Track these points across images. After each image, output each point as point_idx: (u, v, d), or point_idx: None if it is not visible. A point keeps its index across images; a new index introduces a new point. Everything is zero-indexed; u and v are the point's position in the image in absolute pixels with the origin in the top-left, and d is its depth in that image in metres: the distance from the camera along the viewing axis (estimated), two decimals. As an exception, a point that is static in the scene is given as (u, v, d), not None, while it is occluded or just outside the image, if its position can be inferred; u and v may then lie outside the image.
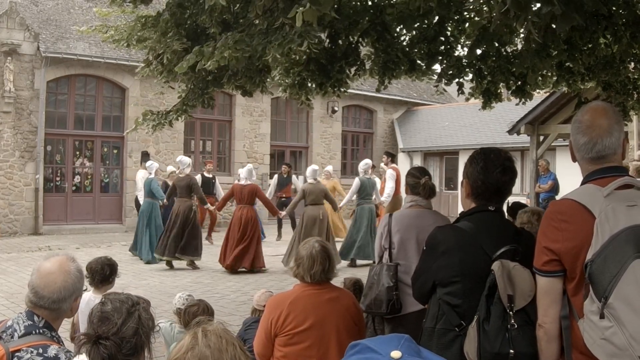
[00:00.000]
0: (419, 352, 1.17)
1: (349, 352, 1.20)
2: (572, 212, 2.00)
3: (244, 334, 4.21)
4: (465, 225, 2.43)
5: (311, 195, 10.01)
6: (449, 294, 2.38)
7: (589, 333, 1.88)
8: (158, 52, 5.79)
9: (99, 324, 1.93)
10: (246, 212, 10.02)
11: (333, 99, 15.92)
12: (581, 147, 2.10)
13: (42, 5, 15.81)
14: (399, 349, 1.14)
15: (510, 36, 5.47)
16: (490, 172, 2.44)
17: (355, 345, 1.20)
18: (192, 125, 17.24)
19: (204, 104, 6.48)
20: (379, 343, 1.17)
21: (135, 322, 1.94)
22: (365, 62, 6.37)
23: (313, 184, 10.21)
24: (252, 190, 10.11)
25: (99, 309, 1.97)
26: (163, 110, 6.90)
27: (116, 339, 1.89)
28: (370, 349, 1.16)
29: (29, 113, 14.35)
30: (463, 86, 6.91)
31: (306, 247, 3.22)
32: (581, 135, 2.09)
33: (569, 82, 6.51)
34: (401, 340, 1.17)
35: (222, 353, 1.53)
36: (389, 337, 1.20)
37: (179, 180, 10.45)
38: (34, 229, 14.51)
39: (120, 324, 1.91)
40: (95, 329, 1.92)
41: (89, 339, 1.89)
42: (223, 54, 4.35)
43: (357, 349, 1.19)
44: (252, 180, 10.30)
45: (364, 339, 1.22)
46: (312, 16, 3.31)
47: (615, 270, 1.81)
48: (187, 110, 6.58)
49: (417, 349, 1.17)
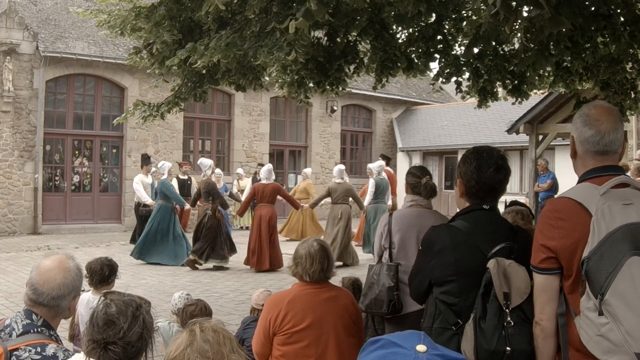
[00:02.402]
0: (437, 347, 1.21)
1: (369, 348, 1.22)
2: (569, 210, 2.01)
3: (242, 333, 4.21)
4: (460, 224, 2.44)
5: (335, 193, 10.53)
6: (445, 293, 2.39)
7: (585, 330, 1.89)
8: (148, 42, 5.81)
9: (105, 327, 1.89)
10: (267, 210, 10.12)
11: (332, 98, 15.94)
12: (587, 140, 2.09)
13: (41, 5, 15.81)
14: (423, 344, 1.17)
15: (507, 35, 5.47)
16: (483, 171, 2.44)
17: (377, 341, 1.22)
18: (191, 124, 17.25)
19: (196, 97, 6.48)
20: (402, 338, 1.20)
21: (141, 326, 1.93)
22: (363, 60, 6.38)
23: (340, 183, 10.70)
24: (274, 189, 10.27)
25: (104, 311, 1.93)
26: (154, 103, 6.87)
27: (123, 344, 1.88)
28: (394, 343, 1.19)
29: (28, 112, 14.35)
30: (461, 85, 6.92)
31: (305, 246, 3.21)
32: (588, 127, 2.09)
33: (567, 82, 6.52)
34: (421, 335, 1.21)
35: (221, 346, 1.54)
36: (409, 333, 1.23)
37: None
38: (33, 228, 14.51)
39: (126, 328, 1.89)
40: (101, 333, 1.89)
41: (98, 344, 1.87)
42: (213, 57, 4.40)
43: (379, 344, 1.21)
44: (271, 179, 10.45)
45: (385, 335, 1.24)
46: (304, 24, 3.34)
47: (612, 267, 1.83)
48: (179, 103, 6.57)
49: (434, 343, 1.21)
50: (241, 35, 4.64)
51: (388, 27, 5.90)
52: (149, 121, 6.94)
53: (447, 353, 1.19)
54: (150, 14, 5.49)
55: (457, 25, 6.15)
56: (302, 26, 3.34)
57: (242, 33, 4.67)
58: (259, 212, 10.14)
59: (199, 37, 5.12)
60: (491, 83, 6.69)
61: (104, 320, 1.91)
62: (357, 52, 6.23)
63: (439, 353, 1.17)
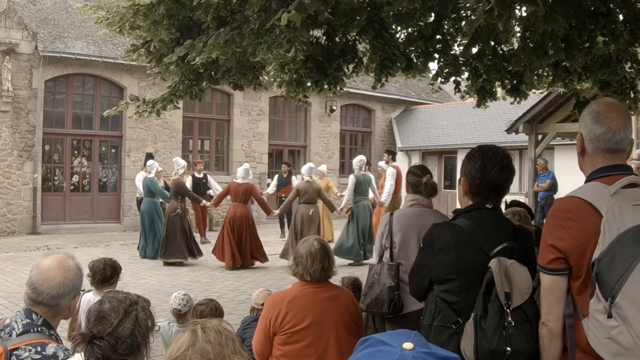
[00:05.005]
0: (428, 345, 1.20)
1: (359, 347, 1.23)
2: (579, 210, 1.98)
3: (242, 333, 4.21)
4: (462, 222, 2.43)
5: (305, 194, 10.07)
6: (446, 292, 2.39)
7: (593, 332, 1.87)
8: (146, 40, 5.80)
9: (95, 323, 1.92)
10: (239, 210, 10.15)
11: (331, 97, 15.93)
12: (597, 137, 2.05)
13: (40, 5, 15.79)
14: (410, 341, 1.17)
15: (506, 35, 5.47)
16: (488, 170, 2.43)
17: (366, 340, 1.23)
18: (190, 124, 17.24)
19: (193, 95, 6.47)
20: (390, 336, 1.21)
21: (132, 322, 1.94)
22: (362, 59, 6.37)
23: (308, 182, 10.25)
24: (247, 189, 10.23)
25: (97, 308, 1.97)
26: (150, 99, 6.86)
27: (110, 339, 1.88)
28: (381, 341, 1.19)
29: (27, 112, 14.33)
30: (460, 84, 6.91)
31: (305, 246, 3.21)
32: (599, 125, 2.04)
33: (565, 81, 6.51)
34: (411, 334, 1.21)
35: (222, 348, 1.53)
36: (399, 332, 1.23)
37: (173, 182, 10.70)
38: (32, 228, 14.50)
39: (116, 324, 1.91)
40: (90, 329, 1.92)
41: (83, 338, 1.88)
42: (211, 53, 4.39)
43: (368, 343, 1.22)
44: (248, 180, 10.40)
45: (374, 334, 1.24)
46: (296, 17, 3.33)
47: (623, 269, 1.80)
48: (174, 100, 6.56)
49: (426, 342, 1.21)
50: (240, 32, 4.63)
51: (387, 26, 5.89)
52: (143, 117, 6.91)
53: (436, 351, 1.18)
54: (149, 12, 5.48)
55: (456, 24, 6.14)
56: (294, 19, 3.33)
57: (241, 30, 4.67)
58: (232, 211, 10.18)
59: (197, 35, 5.11)
60: (490, 83, 6.69)
61: (95, 316, 1.94)
62: (356, 52, 6.22)
63: (426, 351, 1.16)
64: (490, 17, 2.92)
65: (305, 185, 10.19)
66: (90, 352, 1.85)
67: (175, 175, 10.81)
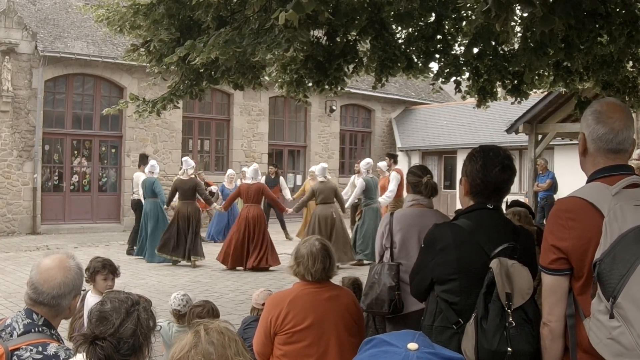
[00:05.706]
0: (432, 346, 1.20)
1: (364, 347, 1.23)
2: (580, 210, 1.97)
3: (243, 333, 4.20)
4: (463, 222, 2.42)
5: (321, 195, 9.94)
6: (446, 292, 2.38)
7: (595, 332, 1.86)
8: (146, 39, 5.80)
9: (97, 323, 1.92)
10: (252, 210, 10.07)
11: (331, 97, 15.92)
12: (600, 137, 2.04)
13: (40, 5, 15.79)
14: (415, 342, 1.17)
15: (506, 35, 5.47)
16: (489, 170, 2.43)
17: (370, 340, 1.23)
18: (190, 124, 17.24)
19: (192, 95, 6.47)
20: (395, 337, 1.21)
21: (134, 322, 1.93)
22: (363, 60, 6.37)
23: (323, 182, 10.14)
24: (258, 189, 10.19)
25: (98, 309, 1.96)
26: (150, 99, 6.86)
27: (113, 340, 1.88)
28: (386, 342, 1.19)
29: (27, 112, 14.33)
30: (460, 84, 6.91)
31: (306, 245, 3.20)
32: (601, 125, 2.04)
33: (567, 81, 6.52)
34: (416, 334, 1.21)
35: (225, 349, 1.53)
36: (403, 332, 1.23)
37: (181, 182, 10.45)
38: (32, 228, 14.49)
39: (118, 324, 1.90)
40: (92, 329, 1.91)
41: (85, 339, 1.88)
42: (211, 53, 4.39)
43: (372, 343, 1.21)
44: (258, 179, 10.39)
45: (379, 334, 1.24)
46: (293, 16, 3.33)
47: (624, 270, 1.79)
48: (174, 100, 6.56)
49: (430, 343, 1.21)
50: (240, 32, 4.63)
51: (387, 26, 5.89)
52: (143, 117, 6.91)
53: (441, 352, 1.19)
54: (149, 12, 5.49)
55: (456, 25, 6.14)
56: (291, 18, 3.33)
57: (241, 30, 4.67)
58: (245, 212, 10.10)
59: (197, 35, 5.11)
60: (490, 83, 6.69)
61: (97, 317, 1.93)
62: (357, 52, 6.22)
63: (431, 351, 1.16)
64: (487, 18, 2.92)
65: (320, 186, 10.06)
66: (93, 352, 1.85)
67: (183, 175, 10.60)
